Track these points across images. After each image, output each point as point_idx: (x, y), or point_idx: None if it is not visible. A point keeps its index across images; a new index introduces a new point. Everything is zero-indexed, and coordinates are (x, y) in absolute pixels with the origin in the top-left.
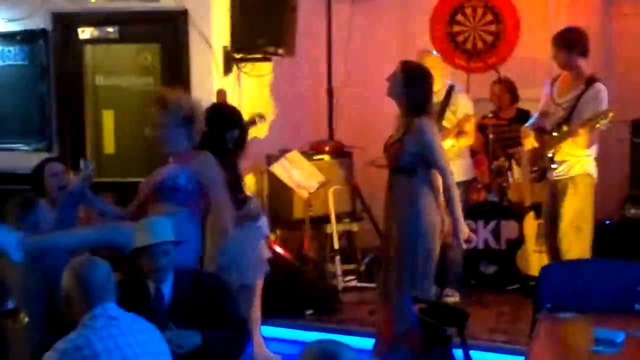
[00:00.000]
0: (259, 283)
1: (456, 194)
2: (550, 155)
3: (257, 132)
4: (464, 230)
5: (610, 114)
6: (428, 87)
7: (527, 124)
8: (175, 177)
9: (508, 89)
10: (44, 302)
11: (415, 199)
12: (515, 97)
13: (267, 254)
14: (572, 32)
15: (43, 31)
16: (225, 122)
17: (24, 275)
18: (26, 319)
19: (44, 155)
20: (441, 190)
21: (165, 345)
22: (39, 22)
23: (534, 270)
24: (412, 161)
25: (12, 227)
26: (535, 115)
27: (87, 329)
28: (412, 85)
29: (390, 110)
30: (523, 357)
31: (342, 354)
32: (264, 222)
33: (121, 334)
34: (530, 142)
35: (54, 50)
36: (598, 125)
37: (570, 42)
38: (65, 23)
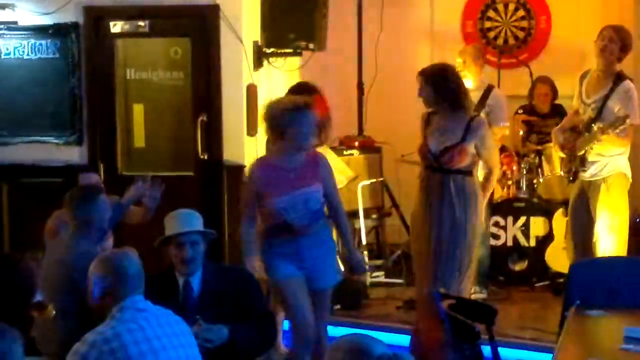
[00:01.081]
0: None
1: (492, 188)
2: (580, 155)
3: None
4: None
5: (628, 120)
6: (457, 80)
7: (558, 127)
8: None
9: (552, 87)
10: (72, 295)
11: (471, 199)
12: (555, 94)
13: None
14: (625, 31)
15: (75, 25)
16: None
17: (52, 267)
18: (53, 312)
19: (75, 148)
20: None
21: (192, 338)
22: (70, 15)
23: (563, 267)
24: (470, 162)
25: (70, 218)
26: (569, 114)
27: (116, 321)
28: (438, 86)
29: (420, 106)
30: (551, 354)
31: (373, 348)
32: None
33: (149, 326)
34: (557, 150)
35: (85, 43)
36: (621, 128)
37: (626, 42)
38: (97, 16)
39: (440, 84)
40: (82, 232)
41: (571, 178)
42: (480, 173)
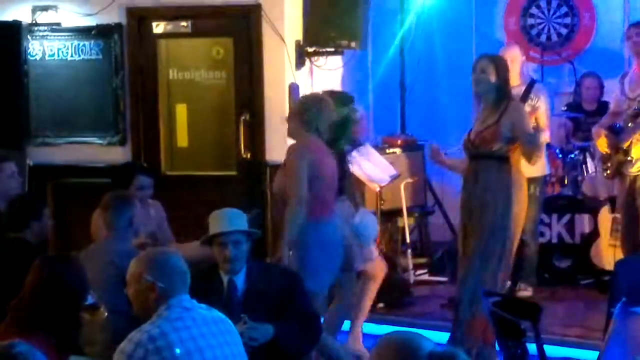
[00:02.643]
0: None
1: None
2: (625, 148)
3: None
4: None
5: None
6: (508, 72)
7: (598, 125)
8: None
9: (599, 83)
10: (123, 295)
11: (506, 186)
12: (602, 91)
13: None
14: None
15: (117, 25)
16: None
17: (100, 269)
18: (105, 314)
19: (118, 148)
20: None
21: (237, 336)
22: (113, 16)
23: (609, 265)
24: (505, 147)
25: (109, 221)
26: (605, 116)
27: (162, 320)
28: (503, 78)
29: (462, 104)
30: (597, 352)
31: (422, 345)
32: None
33: (195, 325)
34: (601, 144)
35: (128, 44)
36: None
37: None
38: (139, 17)
39: (502, 71)
40: (123, 234)
41: (611, 175)
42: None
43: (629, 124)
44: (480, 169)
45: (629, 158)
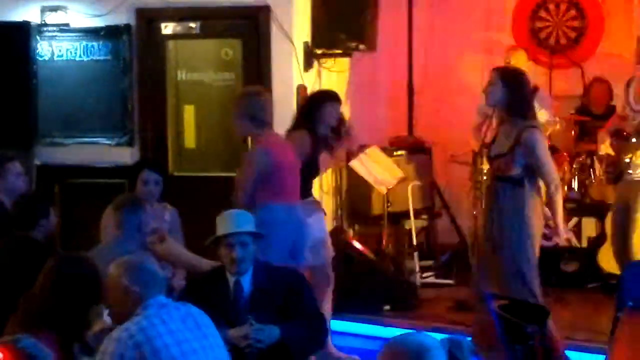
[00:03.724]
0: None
1: (559, 202)
2: (627, 160)
3: None
4: (562, 236)
5: None
6: (527, 89)
7: (605, 129)
8: None
9: (609, 88)
10: None
11: (521, 208)
12: (611, 96)
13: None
14: None
15: (126, 26)
16: None
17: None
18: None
19: (126, 149)
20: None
21: (214, 329)
22: (122, 17)
23: (615, 268)
24: (520, 172)
25: (117, 223)
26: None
27: (140, 317)
28: (512, 90)
29: (470, 107)
30: (604, 356)
31: (429, 340)
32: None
33: (172, 319)
34: (605, 148)
35: (136, 45)
36: None
37: None
38: (148, 18)
39: (512, 85)
40: (132, 235)
41: (612, 180)
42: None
43: (633, 139)
44: (496, 190)
45: (629, 171)
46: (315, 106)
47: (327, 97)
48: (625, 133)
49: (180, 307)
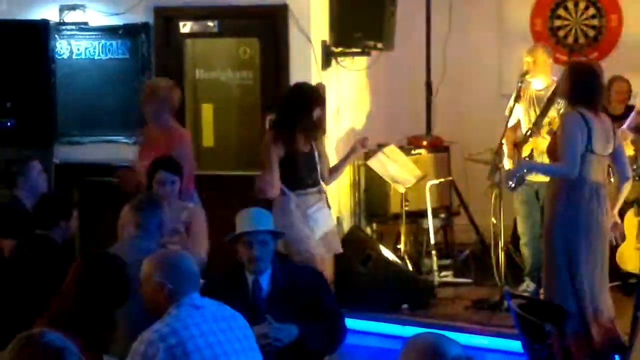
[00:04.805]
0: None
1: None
2: None
3: (354, 124)
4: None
5: None
6: (591, 84)
7: (624, 126)
8: None
9: (629, 87)
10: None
11: (557, 193)
12: (630, 95)
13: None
14: None
15: (145, 25)
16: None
17: (129, 269)
18: None
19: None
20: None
21: (249, 331)
22: (140, 16)
23: (635, 268)
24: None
25: (137, 221)
26: (632, 115)
27: (172, 318)
28: (575, 83)
29: (488, 105)
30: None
31: (448, 348)
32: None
33: (205, 321)
34: (627, 146)
35: (154, 44)
36: None
37: None
38: (166, 17)
39: (576, 79)
40: (151, 235)
41: (638, 176)
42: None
43: None
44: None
45: None
46: (305, 111)
47: (315, 102)
48: None
49: (214, 309)
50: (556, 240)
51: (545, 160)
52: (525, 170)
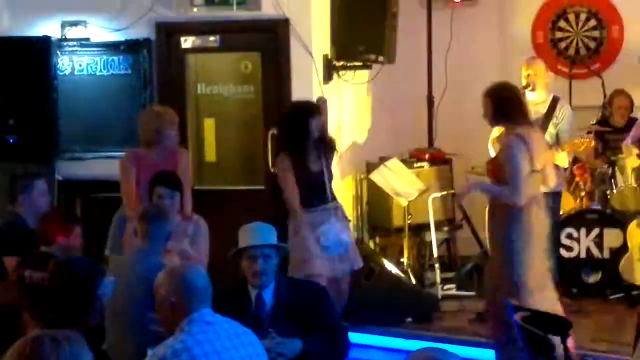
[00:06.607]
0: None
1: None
2: None
3: (356, 137)
4: None
5: None
6: (511, 99)
7: (628, 139)
8: None
9: (630, 100)
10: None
11: (507, 214)
12: (632, 107)
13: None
14: None
15: (146, 41)
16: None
17: (134, 284)
18: None
19: None
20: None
21: (261, 349)
22: (142, 31)
23: (638, 279)
24: (504, 177)
25: (143, 232)
26: (635, 126)
27: (185, 334)
28: (498, 105)
29: None
30: None
31: None
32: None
33: (218, 338)
34: (631, 163)
35: (156, 59)
36: None
37: None
38: (168, 32)
39: (497, 100)
40: (156, 247)
41: None
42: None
43: None
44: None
45: None
46: (303, 124)
47: (312, 112)
48: None
49: (226, 326)
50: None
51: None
52: (475, 190)
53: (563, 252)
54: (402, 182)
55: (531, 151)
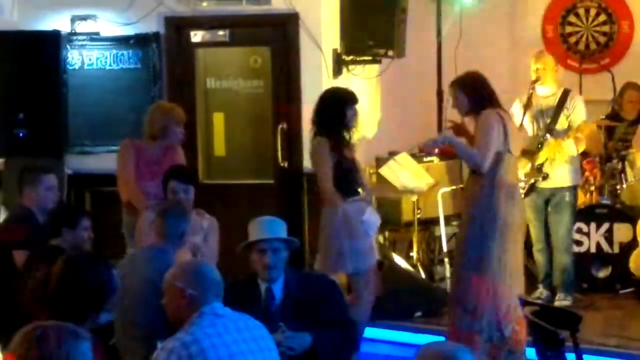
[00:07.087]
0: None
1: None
2: None
3: (365, 132)
4: None
5: None
6: (484, 84)
7: None
8: None
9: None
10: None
11: (476, 193)
12: None
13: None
14: None
15: (156, 35)
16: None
17: (145, 282)
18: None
19: None
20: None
21: (272, 342)
22: (151, 26)
23: None
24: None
25: (161, 228)
26: None
27: (194, 327)
28: (475, 93)
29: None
30: None
31: (460, 356)
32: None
33: (227, 331)
34: None
35: (166, 53)
36: None
37: None
38: (177, 26)
39: (467, 88)
40: (172, 244)
41: None
42: None
43: None
44: (468, 181)
45: None
46: (340, 111)
47: (350, 101)
48: None
49: (236, 319)
50: (471, 238)
51: (557, 166)
52: (444, 141)
53: (573, 246)
54: (411, 177)
55: (507, 132)
